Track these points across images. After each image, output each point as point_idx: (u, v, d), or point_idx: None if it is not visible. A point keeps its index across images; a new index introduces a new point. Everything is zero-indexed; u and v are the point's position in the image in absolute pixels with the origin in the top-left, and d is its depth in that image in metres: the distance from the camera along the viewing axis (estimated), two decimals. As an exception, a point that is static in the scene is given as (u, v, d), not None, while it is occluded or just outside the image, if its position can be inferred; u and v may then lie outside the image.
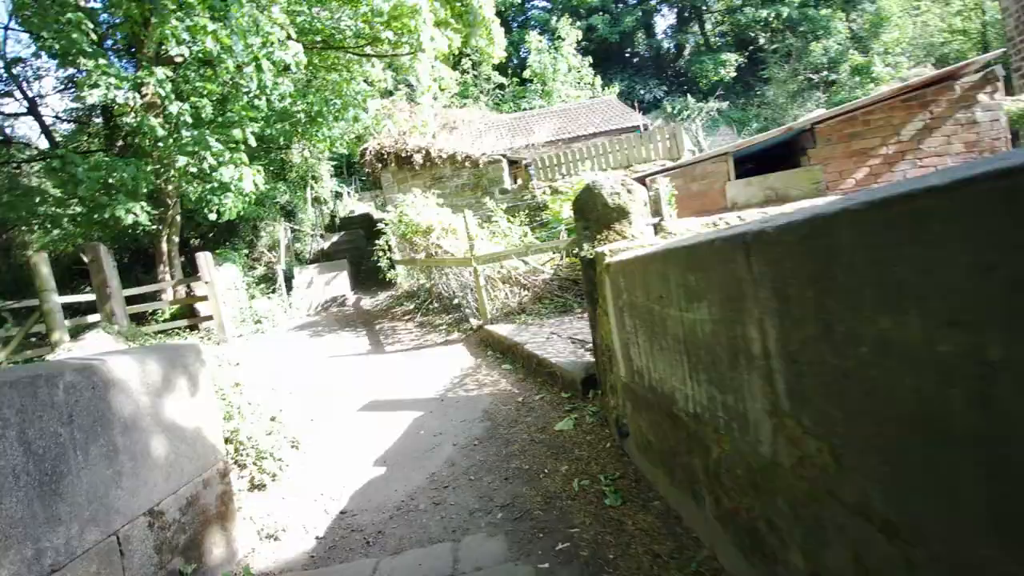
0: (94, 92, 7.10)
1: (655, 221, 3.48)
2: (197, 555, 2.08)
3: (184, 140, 7.64)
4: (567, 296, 5.66)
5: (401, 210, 7.29)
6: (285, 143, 12.80)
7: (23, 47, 23.88)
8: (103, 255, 5.65)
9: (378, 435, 3.68)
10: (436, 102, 19.12)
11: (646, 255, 1.89)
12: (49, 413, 1.49)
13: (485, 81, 24.06)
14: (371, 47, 10.70)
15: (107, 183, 7.40)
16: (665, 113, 24.80)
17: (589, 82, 23.56)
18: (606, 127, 15.89)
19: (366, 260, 12.87)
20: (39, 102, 14.87)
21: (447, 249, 6.62)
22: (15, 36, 18.84)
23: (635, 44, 30.99)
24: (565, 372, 3.79)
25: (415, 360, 5.41)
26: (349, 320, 8.12)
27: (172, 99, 7.67)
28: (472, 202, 9.21)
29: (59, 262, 15.04)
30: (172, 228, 9.50)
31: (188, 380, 2.20)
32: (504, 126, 17.37)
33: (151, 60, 8.65)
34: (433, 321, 6.69)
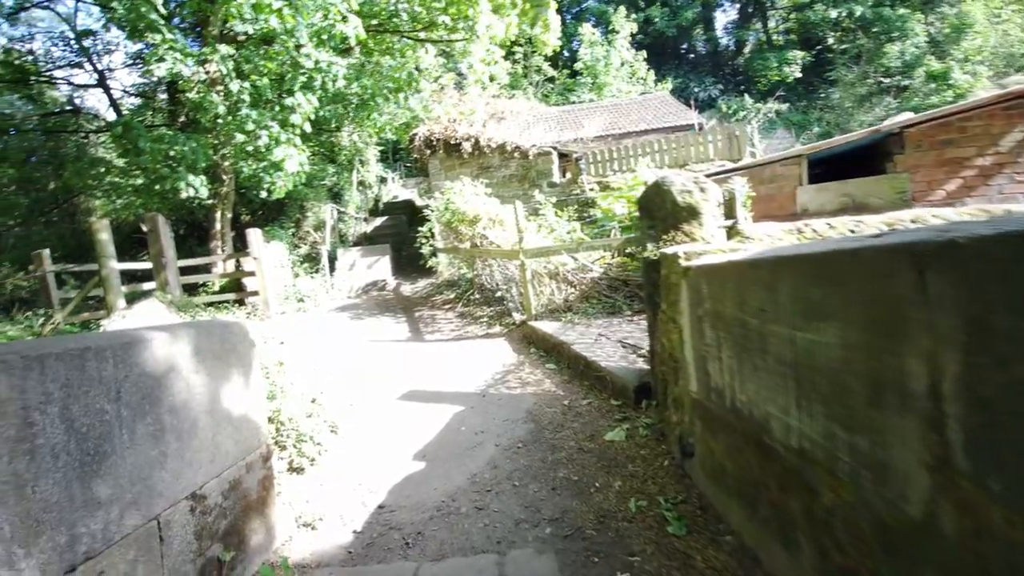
0: (161, 66, 7.29)
1: (728, 224, 3.20)
2: (236, 542, 2.00)
3: (242, 118, 7.77)
4: (616, 297, 5.41)
5: (448, 197, 7.19)
6: (336, 126, 12.98)
7: (93, 20, 25.00)
8: (161, 225, 5.79)
9: (417, 427, 3.58)
10: (485, 92, 19.00)
11: (745, 261, 1.66)
12: (96, 388, 1.41)
13: (535, 72, 23.76)
14: (426, 32, 10.64)
15: (168, 156, 7.62)
16: (720, 112, 23.86)
17: (642, 77, 22.91)
18: (658, 124, 15.35)
19: (407, 246, 12.92)
20: (108, 75, 15.60)
21: (493, 240, 6.47)
22: (86, 9, 19.75)
23: (692, 39, 29.92)
24: (616, 378, 3.58)
25: (455, 351, 5.30)
26: (389, 305, 8.11)
27: (233, 77, 7.80)
28: (519, 194, 9.02)
29: (120, 230, 15.80)
30: (226, 203, 9.75)
31: (238, 360, 2.12)
32: (552, 119, 17.06)
33: (215, 38, 8.85)
34: (474, 312, 6.57)
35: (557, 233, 6.76)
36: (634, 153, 8.85)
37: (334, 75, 8.41)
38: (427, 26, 10.39)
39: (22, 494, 1.16)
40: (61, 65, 15.98)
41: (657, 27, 26.21)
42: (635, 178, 6.46)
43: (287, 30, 7.38)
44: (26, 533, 1.16)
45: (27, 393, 1.20)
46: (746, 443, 1.77)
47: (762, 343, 1.55)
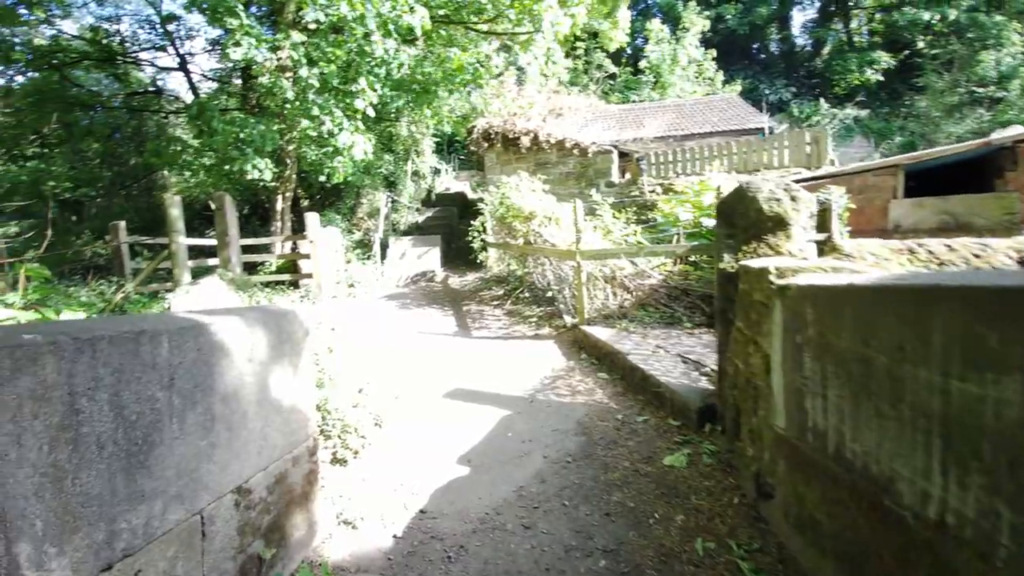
0: (236, 50, 7.54)
1: (820, 238, 2.87)
2: (278, 538, 1.92)
3: (309, 104, 7.93)
4: (675, 307, 5.10)
5: (503, 192, 7.05)
6: (396, 115, 13.15)
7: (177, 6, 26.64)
8: (227, 205, 5.96)
9: (462, 428, 3.46)
10: (544, 87, 18.77)
11: (876, 286, 1.39)
12: (149, 375, 1.33)
13: (596, 69, 23.27)
14: (490, 25, 10.54)
15: (238, 138, 7.88)
16: (791, 117, 22.55)
17: (709, 77, 21.95)
18: (724, 127, 14.63)
19: (457, 238, 12.94)
20: (189, 60, 16.49)
21: (547, 238, 6.28)
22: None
23: (765, 38, 28.41)
24: (676, 396, 3.32)
25: (502, 350, 5.16)
26: (437, 297, 8.09)
27: (303, 63, 7.98)
28: (575, 192, 8.77)
29: (191, 206, 16.70)
30: (287, 186, 10.04)
31: (292, 349, 2.04)
32: (612, 117, 16.62)
33: (288, 25, 9.10)
34: (523, 311, 6.41)
35: (613, 235, 6.49)
36: (699, 156, 8.40)
37: (399, 63, 8.46)
38: (491, 19, 10.30)
39: (60, 487, 1.08)
40: (146, 48, 17.04)
41: (729, 25, 25.03)
42: (702, 183, 6.09)
43: (356, 18, 7.44)
44: (60, 530, 1.08)
45: (75, 378, 1.12)
46: (854, 500, 1.50)
47: (894, 388, 1.29)
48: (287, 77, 8.60)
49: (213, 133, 7.24)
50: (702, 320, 4.85)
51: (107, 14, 17.11)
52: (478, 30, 10.77)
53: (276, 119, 9.02)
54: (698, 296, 5.16)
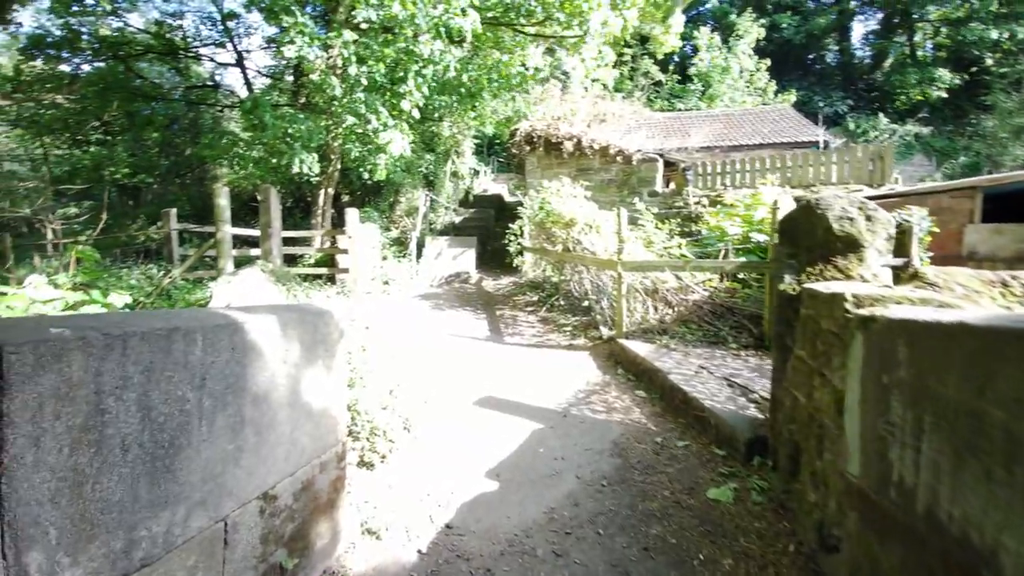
0: (290, 48, 7.69)
1: (897, 263, 2.62)
2: (301, 547, 1.85)
3: (356, 102, 8.03)
4: (719, 325, 4.85)
5: (544, 197, 6.93)
6: (439, 116, 13.23)
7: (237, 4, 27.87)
8: (272, 198, 6.06)
9: (492, 439, 3.34)
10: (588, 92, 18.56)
11: (996, 327, 1.19)
12: (180, 374, 1.27)
13: (642, 76, 22.89)
14: (539, 28, 10.45)
15: (287, 133, 8.05)
16: (847, 131, 21.57)
17: (761, 87, 21.23)
18: (775, 139, 14.06)
19: (493, 240, 12.88)
20: (245, 56, 17.09)
21: (587, 246, 6.11)
22: None
23: (822, 48, 27.30)
24: (722, 422, 3.10)
25: (535, 359, 5.02)
26: (470, 299, 8.02)
27: (352, 62, 8.08)
28: (616, 200, 8.56)
29: (239, 197, 17.30)
30: (330, 181, 10.21)
31: (326, 351, 1.97)
32: (657, 125, 16.25)
33: (341, 24, 9.26)
34: (557, 320, 6.26)
35: (655, 246, 6.26)
36: (750, 168, 8.04)
37: (445, 65, 8.47)
38: (540, 22, 10.21)
39: (79, 492, 1.02)
40: (207, 43, 17.81)
41: (784, 33, 24.16)
42: (754, 196, 5.80)
43: (408, 18, 7.48)
44: (76, 538, 1.01)
45: (103, 376, 1.06)
46: (944, 569, 1.30)
47: (1012, 448, 1.09)
48: (336, 74, 8.74)
49: (264, 127, 7.41)
50: (749, 341, 4.59)
51: (171, 9, 17.97)
52: (526, 32, 10.71)
53: (323, 115, 9.19)
54: (745, 315, 4.89)
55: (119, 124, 17.23)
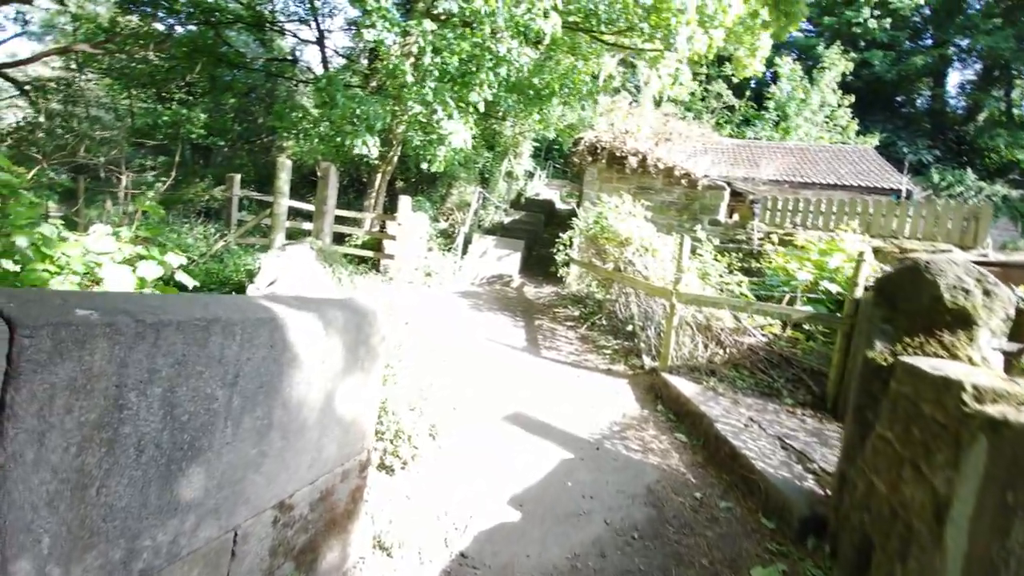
0: (370, 32, 7.76)
1: (1012, 349, 2.27)
2: (310, 560, 1.72)
3: (425, 91, 8.02)
4: (774, 376, 4.49)
5: (601, 211, 6.68)
6: (504, 115, 13.17)
7: None
8: (332, 176, 6.09)
9: (518, 463, 3.16)
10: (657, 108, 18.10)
11: None
12: (213, 370, 1.14)
13: (714, 98, 22.18)
14: (618, 37, 10.20)
15: (355, 113, 8.13)
16: (931, 183, 20.18)
17: (841, 124, 20.15)
18: (853, 181, 13.24)
19: (539, 246, 12.70)
20: (326, 35, 17.64)
21: (640, 269, 5.83)
22: None
23: (914, 92, 25.69)
24: (773, 489, 2.80)
25: (571, 379, 4.80)
26: (510, 304, 7.86)
27: (427, 51, 8.08)
28: (675, 224, 8.21)
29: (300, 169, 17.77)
30: (388, 166, 10.29)
31: (367, 353, 1.83)
32: (725, 151, 15.64)
33: (422, 13, 9.31)
34: (597, 340, 6.01)
35: (711, 278, 5.91)
36: (825, 210, 7.52)
37: (519, 66, 8.37)
38: (622, 31, 9.95)
39: (82, 496, 0.90)
40: (292, 19, 18.50)
41: (875, 70, 22.83)
42: (831, 242, 5.37)
43: (489, 14, 7.41)
44: (72, 547, 0.89)
45: (128, 368, 0.94)
46: None
47: None
48: (410, 62, 8.79)
49: (334, 105, 7.50)
50: (806, 399, 4.22)
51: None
52: (604, 41, 10.48)
53: (391, 100, 9.26)
54: (804, 369, 4.51)
55: (201, 86, 18.10)
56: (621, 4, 9.09)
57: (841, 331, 4.08)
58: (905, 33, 23.75)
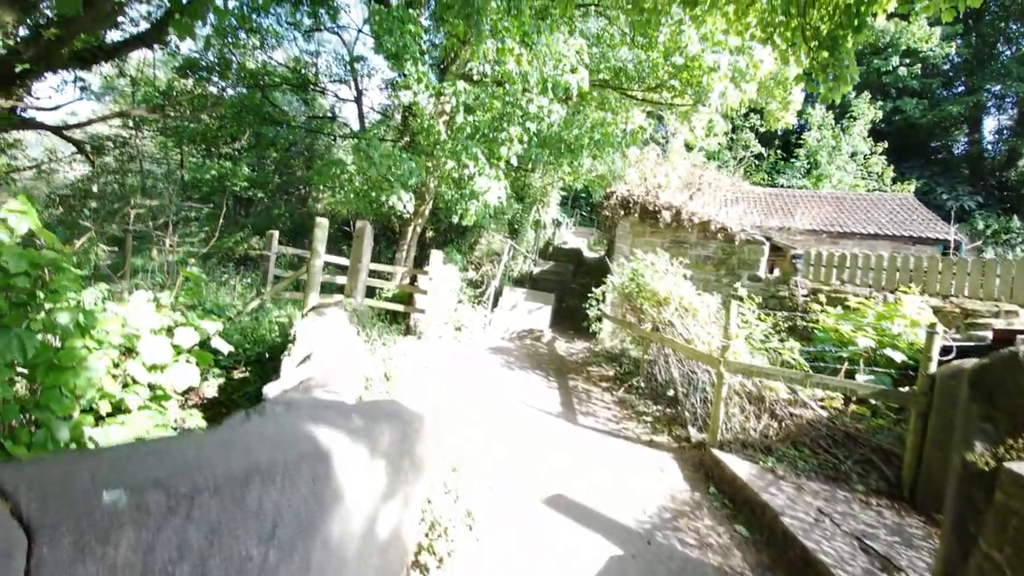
0: (406, 93, 8.07)
1: None
2: None
3: (458, 148, 8.21)
4: (839, 455, 4.10)
5: (636, 268, 6.51)
6: (533, 167, 13.40)
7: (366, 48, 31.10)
8: (367, 235, 6.14)
9: (560, 560, 2.87)
10: (686, 158, 18.16)
11: None
12: (249, 526, 0.99)
13: (743, 148, 22.20)
14: (647, 93, 10.36)
15: (390, 169, 8.34)
16: (975, 230, 19.40)
17: (876, 172, 19.78)
18: (895, 231, 12.78)
19: (568, 296, 12.54)
20: (364, 93, 18.60)
21: (680, 330, 5.58)
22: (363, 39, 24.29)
23: (950, 138, 25.20)
24: (860, 609, 2.43)
25: (611, 450, 4.50)
26: (542, 361, 7.63)
27: (461, 110, 8.33)
28: (712, 280, 7.96)
29: (333, 220, 18.42)
30: (419, 219, 10.45)
31: (410, 464, 1.67)
32: (757, 200, 15.44)
33: (455, 74, 9.69)
34: (636, 405, 5.70)
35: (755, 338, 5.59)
36: (875, 265, 7.17)
37: (550, 122, 8.52)
38: (652, 88, 10.11)
39: None
40: (334, 80, 19.70)
41: (908, 117, 22.57)
42: (890, 306, 5.04)
43: (521, 74, 7.62)
44: None
45: (155, 552, 0.79)
46: None
47: None
48: (443, 121, 9.06)
49: (372, 163, 7.71)
50: (880, 486, 3.81)
51: (311, 49, 20.10)
52: (633, 97, 10.65)
53: (424, 156, 9.51)
54: (873, 448, 4.11)
55: (247, 142, 19.20)
56: (651, 63, 9.27)
57: (915, 410, 3.72)
58: (937, 81, 23.57)
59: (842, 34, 4.00)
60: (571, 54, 8.03)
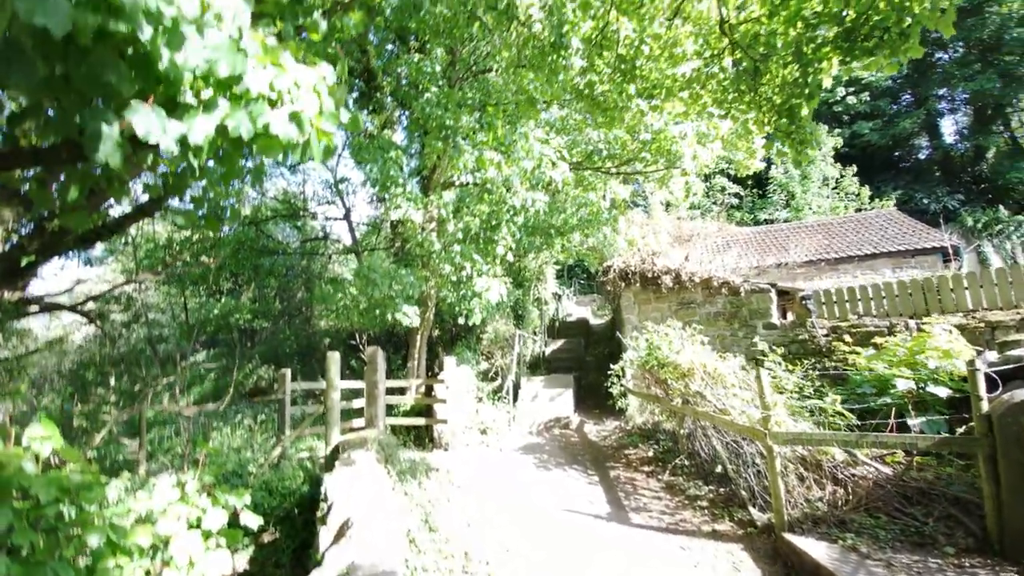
0: (396, 212, 8.45)
1: None
2: None
3: (452, 253, 8.45)
4: (917, 515, 3.81)
5: (651, 342, 6.45)
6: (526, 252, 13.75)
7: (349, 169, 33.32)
8: (379, 358, 6.13)
9: None
10: (669, 212, 18.73)
11: None
12: None
13: (719, 191, 23.00)
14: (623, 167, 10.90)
15: (391, 286, 8.52)
16: (965, 227, 19.63)
17: (854, 192, 20.36)
18: (890, 247, 12.89)
19: (585, 371, 12.32)
20: (351, 210, 19.51)
21: (711, 400, 5.41)
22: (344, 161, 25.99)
23: (912, 149, 26.25)
24: None
25: (674, 554, 4.15)
26: (576, 452, 7.33)
27: (450, 218, 8.68)
28: (727, 335, 7.87)
29: (338, 334, 18.58)
30: (425, 328, 10.50)
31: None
32: (749, 241, 15.72)
33: (439, 184, 10.22)
34: (686, 488, 5.39)
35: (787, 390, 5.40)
36: (886, 293, 7.13)
37: (537, 211, 8.86)
38: (625, 162, 10.65)
39: None
40: (321, 203, 20.75)
41: (868, 137, 23.65)
42: (919, 339, 4.94)
43: (503, 179, 8.03)
44: None
45: None
46: None
47: None
48: (432, 229, 9.41)
49: (374, 285, 7.90)
50: (967, 543, 3.50)
51: (299, 180, 21.42)
52: (609, 172, 11.18)
53: (420, 266, 9.77)
54: (950, 500, 3.83)
55: (246, 275, 19.81)
56: (620, 142, 9.83)
57: (981, 454, 3.51)
58: (885, 101, 24.95)
59: (796, 103, 4.26)
60: (549, 152, 8.54)
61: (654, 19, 4.99)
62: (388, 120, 14.69)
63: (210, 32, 1.76)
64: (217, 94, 1.93)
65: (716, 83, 5.09)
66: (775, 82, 4.48)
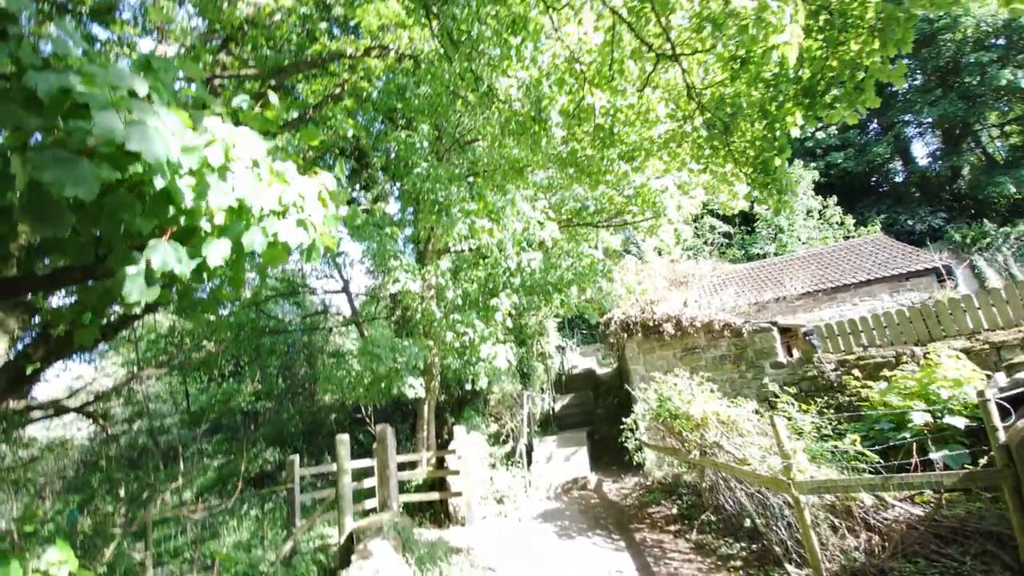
0: (395, 285, 8.60)
1: None
2: None
3: (453, 321, 8.54)
4: (955, 555, 3.67)
5: (661, 393, 6.40)
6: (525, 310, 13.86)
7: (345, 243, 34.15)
8: (389, 436, 6.05)
9: None
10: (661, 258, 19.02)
11: None
12: None
13: (709, 231, 23.49)
14: (609, 220, 11.23)
15: (395, 360, 8.52)
16: (954, 243, 19.96)
17: (838, 221, 20.85)
18: (884, 272, 13.06)
19: (598, 426, 12.06)
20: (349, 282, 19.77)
21: (729, 449, 5.31)
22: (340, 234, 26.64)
23: (889, 173, 27.16)
24: None
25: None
26: (597, 515, 7.07)
27: (448, 286, 8.84)
28: (736, 378, 7.82)
29: (343, 407, 18.29)
30: (431, 395, 10.40)
31: None
32: (744, 278, 15.90)
33: (434, 253, 10.47)
34: (716, 547, 5.18)
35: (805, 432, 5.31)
36: (886, 322, 7.18)
37: (531, 270, 9.03)
38: (612, 216, 11.00)
39: None
40: (320, 277, 21.03)
41: (843, 167, 24.52)
42: (928, 369, 4.95)
43: (498, 243, 8.26)
44: None
45: None
46: None
47: None
48: (431, 297, 9.55)
49: (379, 361, 7.92)
50: (1016, 582, 3.36)
51: (295, 257, 21.79)
52: (597, 226, 11.50)
53: (422, 334, 9.82)
54: (984, 535, 3.71)
55: (247, 356, 19.73)
56: (607, 198, 10.20)
57: (1006, 486, 3.43)
58: (854, 132, 26.06)
59: (769, 156, 4.50)
60: (536, 214, 8.84)
61: (625, 92, 5.34)
62: (381, 193, 15.19)
63: (233, 173, 1.91)
64: (231, 217, 2.07)
65: (691, 141, 5.38)
66: (746, 137, 4.75)
